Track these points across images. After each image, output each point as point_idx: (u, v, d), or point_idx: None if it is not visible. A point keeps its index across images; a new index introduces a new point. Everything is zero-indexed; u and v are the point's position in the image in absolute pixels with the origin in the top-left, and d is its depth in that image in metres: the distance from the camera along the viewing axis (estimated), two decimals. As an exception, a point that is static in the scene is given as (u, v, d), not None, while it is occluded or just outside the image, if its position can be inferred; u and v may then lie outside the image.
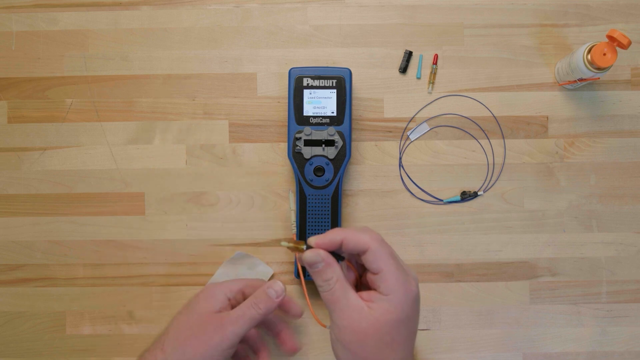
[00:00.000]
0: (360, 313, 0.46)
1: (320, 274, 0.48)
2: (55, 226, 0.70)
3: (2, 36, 0.71)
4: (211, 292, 0.58)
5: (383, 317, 0.46)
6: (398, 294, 0.46)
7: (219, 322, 0.55)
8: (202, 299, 0.57)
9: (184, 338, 0.54)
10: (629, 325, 0.69)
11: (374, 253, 0.47)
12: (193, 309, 0.57)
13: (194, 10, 0.71)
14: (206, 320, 0.55)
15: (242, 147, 0.70)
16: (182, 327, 0.56)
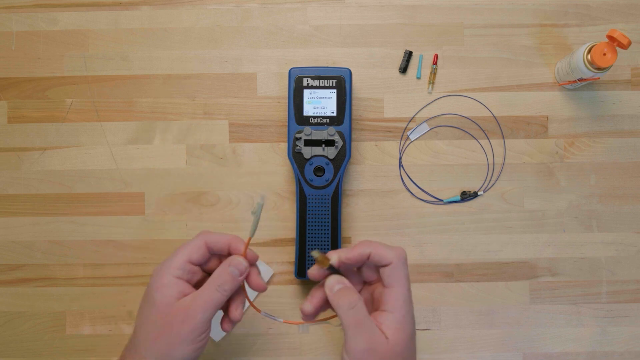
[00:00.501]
0: (380, 337, 0.48)
1: (345, 297, 0.50)
2: (55, 226, 0.70)
3: (2, 36, 0.71)
4: (160, 281, 0.52)
5: (398, 337, 0.49)
6: (403, 311, 0.50)
7: (184, 312, 0.51)
8: (155, 289, 0.52)
9: (153, 337, 0.51)
10: (629, 325, 0.69)
11: (394, 268, 0.50)
12: (151, 304, 0.52)
13: (194, 10, 0.71)
14: (169, 314, 0.51)
15: (242, 147, 0.70)
16: (149, 326, 0.52)
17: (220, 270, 0.52)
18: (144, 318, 0.52)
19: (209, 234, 0.54)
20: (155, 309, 0.51)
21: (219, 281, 0.52)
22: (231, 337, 0.69)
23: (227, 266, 0.52)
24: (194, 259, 0.53)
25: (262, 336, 0.69)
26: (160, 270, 0.53)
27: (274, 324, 0.69)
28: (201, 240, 0.53)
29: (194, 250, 0.53)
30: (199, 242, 0.53)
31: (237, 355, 0.69)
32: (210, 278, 0.52)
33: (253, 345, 0.69)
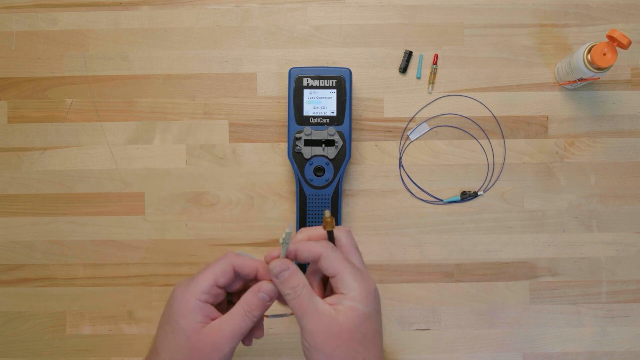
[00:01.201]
0: (329, 316, 0.48)
1: (286, 282, 0.49)
2: (55, 226, 0.70)
3: (2, 36, 0.71)
4: (186, 306, 0.50)
5: (350, 315, 0.48)
6: (357, 290, 0.48)
7: (212, 340, 0.50)
8: (180, 315, 0.50)
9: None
10: (629, 325, 0.69)
11: (326, 259, 0.49)
12: (177, 330, 0.50)
13: (194, 10, 0.71)
14: (198, 341, 0.50)
15: (242, 147, 0.70)
16: (175, 354, 0.50)
17: (250, 296, 0.51)
18: (169, 343, 0.51)
19: (237, 257, 0.52)
20: (182, 336, 0.50)
21: (248, 307, 0.51)
22: (231, 337, 0.69)
23: (257, 292, 0.51)
24: (220, 283, 0.51)
25: (262, 336, 0.69)
26: (185, 293, 0.51)
27: (274, 324, 0.69)
28: (229, 264, 0.51)
29: (221, 273, 0.51)
30: (226, 266, 0.51)
31: (237, 355, 0.68)
32: (239, 304, 0.51)
33: (253, 345, 0.69)
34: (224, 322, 0.50)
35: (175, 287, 0.52)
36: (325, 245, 0.50)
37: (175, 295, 0.51)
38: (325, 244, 0.50)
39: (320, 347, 0.48)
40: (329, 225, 0.52)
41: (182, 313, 0.50)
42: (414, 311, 0.69)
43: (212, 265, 0.51)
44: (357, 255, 0.52)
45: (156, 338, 0.52)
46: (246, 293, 0.51)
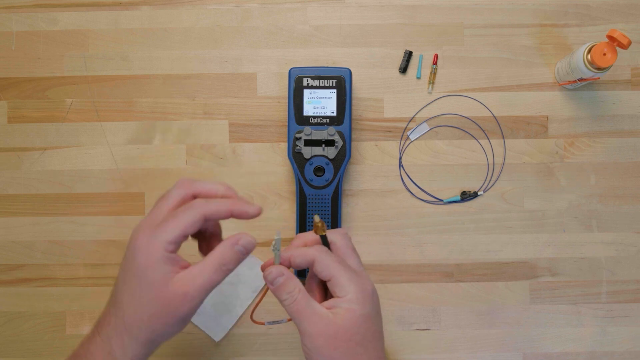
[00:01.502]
0: (326, 319, 0.48)
1: (282, 288, 0.49)
2: (55, 226, 0.70)
3: (2, 36, 0.71)
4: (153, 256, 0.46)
5: (347, 317, 0.48)
6: (353, 292, 0.48)
7: (182, 291, 0.46)
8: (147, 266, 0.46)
9: (148, 317, 0.47)
10: (629, 325, 0.69)
11: (319, 263, 0.49)
12: (144, 282, 0.47)
13: (194, 10, 0.71)
14: (167, 292, 0.46)
15: (242, 147, 0.70)
16: (143, 306, 0.47)
17: (226, 250, 0.48)
18: (135, 297, 0.47)
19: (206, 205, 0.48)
20: (149, 289, 0.47)
21: (223, 260, 0.47)
22: (231, 337, 0.69)
23: (234, 244, 0.48)
24: (188, 233, 0.47)
25: (262, 336, 0.69)
26: (150, 243, 0.47)
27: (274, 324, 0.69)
28: (200, 215, 0.47)
29: (190, 224, 0.47)
30: (197, 217, 0.47)
31: (237, 355, 0.69)
32: (213, 256, 0.48)
33: (253, 345, 0.69)
34: (196, 273, 0.47)
35: (136, 235, 0.47)
36: (318, 249, 0.50)
37: (138, 245, 0.47)
38: (318, 248, 0.50)
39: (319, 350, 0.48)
40: (319, 230, 0.52)
41: (149, 264, 0.46)
42: (414, 311, 0.69)
43: (180, 215, 0.47)
44: (354, 257, 0.52)
45: (117, 292, 0.48)
46: (221, 245, 0.48)
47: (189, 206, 0.48)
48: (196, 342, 0.68)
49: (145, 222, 0.48)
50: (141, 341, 0.48)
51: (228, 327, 0.68)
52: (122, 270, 0.49)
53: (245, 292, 0.68)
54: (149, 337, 0.48)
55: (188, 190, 0.49)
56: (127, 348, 0.48)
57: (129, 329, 0.48)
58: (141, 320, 0.47)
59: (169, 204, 0.49)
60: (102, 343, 0.49)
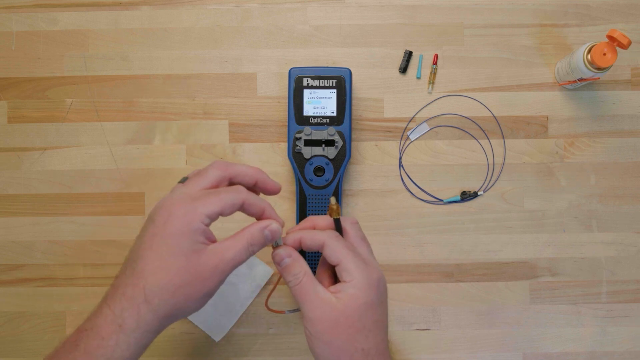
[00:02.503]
0: (329, 304, 0.48)
1: (288, 269, 0.50)
2: (55, 226, 0.70)
3: (2, 36, 0.71)
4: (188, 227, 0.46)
5: (350, 303, 0.48)
6: (359, 279, 0.49)
7: (213, 264, 0.47)
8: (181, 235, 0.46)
9: (174, 288, 0.46)
10: (629, 325, 0.69)
11: (329, 247, 0.50)
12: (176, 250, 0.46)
13: (194, 10, 0.71)
14: (199, 263, 0.46)
15: (242, 147, 0.70)
16: (170, 274, 0.46)
17: (256, 232, 0.49)
18: (164, 264, 0.46)
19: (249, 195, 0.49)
20: (181, 258, 0.46)
21: (252, 240, 0.49)
22: (231, 337, 0.69)
23: (264, 228, 0.49)
24: (225, 213, 0.48)
25: (262, 336, 0.69)
26: (188, 213, 0.46)
27: (274, 324, 0.69)
28: (240, 200, 0.48)
29: (230, 205, 0.48)
30: (237, 201, 0.48)
31: (237, 355, 0.69)
32: (243, 235, 0.48)
33: (253, 345, 0.69)
34: (226, 248, 0.47)
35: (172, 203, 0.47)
36: (329, 233, 0.51)
37: (175, 213, 0.46)
38: (329, 233, 0.51)
39: (319, 335, 0.49)
40: (334, 213, 0.53)
41: (184, 232, 0.46)
42: (414, 311, 0.69)
43: (223, 194, 0.48)
44: (365, 246, 0.53)
45: (139, 259, 0.47)
46: (252, 226, 0.49)
47: (234, 189, 0.49)
48: (196, 342, 0.68)
49: (180, 194, 0.48)
50: (159, 315, 0.46)
51: (228, 327, 0.68)
52: (147, 237, 0.47)
53: (245, 292, 0.68)
54: (169, 312, 0.46)
55: (225, 173, 0.50)
56: (141, 321, 0.46)
57: (149, 300, 0.46)
58: (166, 291, 0.46)
59: (205, 184, 0.49)
60: (112, 315, 0.46)
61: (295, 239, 0.51)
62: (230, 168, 0.50)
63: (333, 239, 0.50)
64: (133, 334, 0.46)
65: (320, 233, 0.51)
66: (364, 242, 0.53)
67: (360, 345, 0.49)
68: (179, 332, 0.68)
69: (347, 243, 0.51)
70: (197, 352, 0.68)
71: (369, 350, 0.49)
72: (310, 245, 0.51)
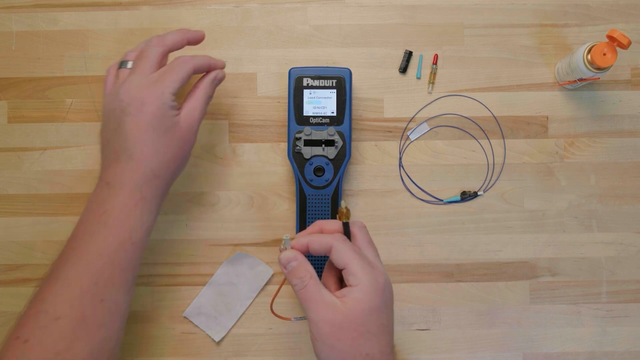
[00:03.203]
0: (334, 307, 0.49)
1: (294, 272, 0.51)
2: (55, 226, 0.70)
3: (2, 36, 0.71)
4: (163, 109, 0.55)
5: (355, 307, 0.49)
6: (365, 283, 0.49)
7: (188, 126, 0.57)
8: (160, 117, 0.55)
9: (170, 159, 0.56)
10: (629, 325, 0.69)
11: (337, 250, 0.50)
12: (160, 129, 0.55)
13: (194, 10, 0.71)
14: (179, 131, 0.56)
15: (242, 147, 0.70)
16: (164, 150, 0.55)
17: (207, 85, 0.60)
18: (157, 144, 0.55)
19: (193, 60, 0.58)
20: (167, 134, 0.55)
21: (208, 93, 0.59)
22: (231, 337, 0.69)
23: (213, 80, 0.60)
24: (185, 83, 0.58)
25: (262, 336, 0.69)
26: (158, 97, 0.55)
27: (274, 324, 0.69)
28: (190, 70, 0.58)
29: (186, 77, 0.57)
30: (189, 72, 0.58)
31: (237, 355, 0.69)
32: (200, 91, 0.59)
33: (253, 345, 0.69)
34: (193, 109, 0.58)
35: (139, 92, 0.55)
36: (337, 237, 0.51)
37: (147, 101, 0.54)
38: (337, 237, 0.51)
39: (323, 339, 0.49)
40: (344, 217, 0.54)
41: (162, 113, 0.55)
42: (414, 311, 0.69)
43: (176, 70, 0.56)
44: (371, 250, 0.53)
45: (132, 147, 0.54)
46: (204, 81, 0.60)
47: (182, 62, 0.57)
48: (196, 342, 0.68)
49: (141, 82, 0.55)
50: (168, 182, 0.57)
51: (228, 327, 0.68)
52: (131, 126, 0.54)
53: (245, 292, 0.68)
54: (172, 177, 0.58)
55: (164, 48, 0.58)
56: (158, 191, 0.56)
57: (159, 175, 0.55)
58: (167, 164, 0.56)
59: (154, 64, 0.57)
60: (130, 192, 0.54)
61: (302, 243, 0.52)
62: (165, 41, 0.58)
63: (340, 242, 0.51)
64: (153, 200, 0.56)
65: (327, 237, 0.51)
66: (371, 246, 0.54)
67: (364, 350, 0.49)
68: (179, 332, 0.68)
69: (355, 247, 0.52)
70: (197, 352, 0.68)
71: (373, 355, 0.49)
72: (318, 249, 0.51)
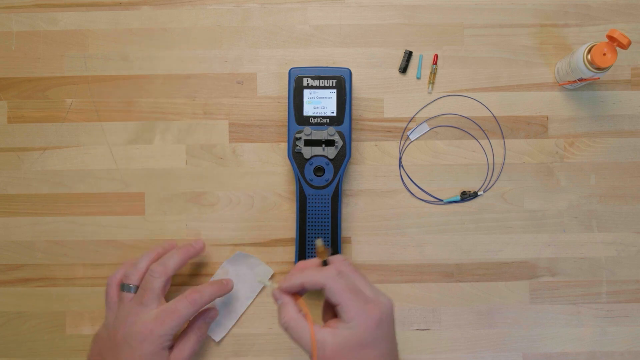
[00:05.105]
0: (324, 343, 0.51)
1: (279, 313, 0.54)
2: (55, 226, 0.70)
3: (2, 36, 0.71)
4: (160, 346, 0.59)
5: (345, 342, 0.51)
6: (358, 321, 0.51)
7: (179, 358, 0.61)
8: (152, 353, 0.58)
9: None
10: (629, 325, 0.69)
11: (329, 290, 0.52)
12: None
13: (194, 10, 0.71)
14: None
15: (242, 147, 0.70)
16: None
17: (201, 325, 0.64)
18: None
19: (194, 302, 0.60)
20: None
21: (201, 333, 0.63)
22: (231, 337, 0.69)
23: (205, 319, 0.64)
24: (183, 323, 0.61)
25: (262, 336, 0.69)
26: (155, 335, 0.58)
27: (274, 324, 0.69)
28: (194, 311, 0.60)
29: (186, 318, 0.60)
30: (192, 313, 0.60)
31: (237, 355, 0.69)
32: (193, 332, 0.63)
33: (253, 345, 0.69)
34: (182, 349, 0.61)
35: (143, 330, 0.58)
36: (328, 274, 0.53)
37: (148, 338, 0.58)
38: (328, 274, 0.53)
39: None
40: (322, 255, 0.56)
41: (156, 352, 0.58)
42: (414, 311, 0.69)
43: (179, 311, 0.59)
44: (361, 280, 0.54)
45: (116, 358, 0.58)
46: (197, 323, 0.64)
47: (188, 303, 0.60)
48: (196, 342, 0.68)
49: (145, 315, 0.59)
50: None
51: (228, 327, 0.68)
52: (126, 356, 0.58)
53: (245, 292, 0.68)
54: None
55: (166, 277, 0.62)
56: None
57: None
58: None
59: (156, 297, 0.60)
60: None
61: (295, 285, 0.54)
62: (167, 270, 0.61)
63: (331, 280, 0.53)
64: None
65: (320, 275, 0.53)
66: (359, 276, 0.55)
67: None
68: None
69: (348, 282, 0.53)
70: (197, 352, 0.68)
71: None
72: (313, 287, 0.54)
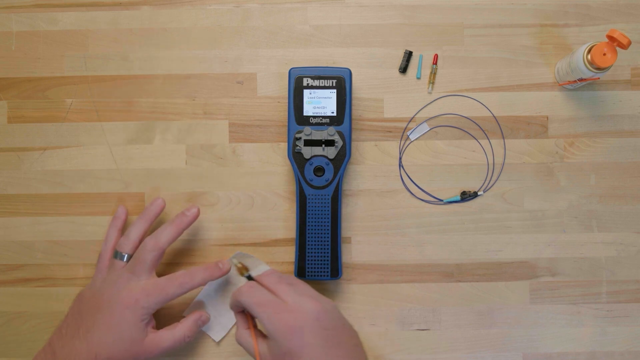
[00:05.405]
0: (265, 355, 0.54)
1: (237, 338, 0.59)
2: (55, 226, 0.70)
3: (2, 36, 0.71)
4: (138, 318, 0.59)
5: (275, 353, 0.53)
6: (275, 332, 0.53)
7: (149, 351, 0.60)
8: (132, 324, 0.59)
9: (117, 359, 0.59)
10: (629, 325, 0.69)
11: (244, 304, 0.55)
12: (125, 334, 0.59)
13: (194, 10, 0.71)
14: (139, 349, 0.59)
15: (242, 147, 0.70)
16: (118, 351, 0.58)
17: (192, 325, 0.63)
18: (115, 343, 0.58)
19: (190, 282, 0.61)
20: (128, 342, 0.59)
21: (189, 333, 0.63)
22: (231, 337, 0.69)
23: (197, 320, 0.64)
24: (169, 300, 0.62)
25: (262, 336, 0.69)
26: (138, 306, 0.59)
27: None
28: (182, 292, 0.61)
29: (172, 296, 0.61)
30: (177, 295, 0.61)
31: (237, 355, 0.69)
32: (181, 328, 0.62)
33: (253, 345, 0.69)
34: (163, 339, 0.61)
35: (131, 296, 0.59)
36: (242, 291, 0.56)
37: (132, 306, 0.59)
38: (242, 290, 0.56)
39: None
40: (241, 271, 0.60)
41: (136, 323, 0.59)
42: (414, 311, 0.69)
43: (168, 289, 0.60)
44: (286, 289, 0.55)
45: (95, 332, 0.58)
46: (189, 321, 0.63)
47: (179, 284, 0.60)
48: (196, 342, 0.68)
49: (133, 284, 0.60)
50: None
51: (228, 327, 0.68)
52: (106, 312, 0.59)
53: (245, 292, 0.68)
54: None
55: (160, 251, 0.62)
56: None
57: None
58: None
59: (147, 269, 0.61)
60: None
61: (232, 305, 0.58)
62: (160, 243, 0.61)
63: (245, 295, 0.55)
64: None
65: (237, 292, 0.56)
66: (285, 285, 0.56)
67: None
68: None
69: (262, 294, 0.55)
70: (197, 352, 0.68)
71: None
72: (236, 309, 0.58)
